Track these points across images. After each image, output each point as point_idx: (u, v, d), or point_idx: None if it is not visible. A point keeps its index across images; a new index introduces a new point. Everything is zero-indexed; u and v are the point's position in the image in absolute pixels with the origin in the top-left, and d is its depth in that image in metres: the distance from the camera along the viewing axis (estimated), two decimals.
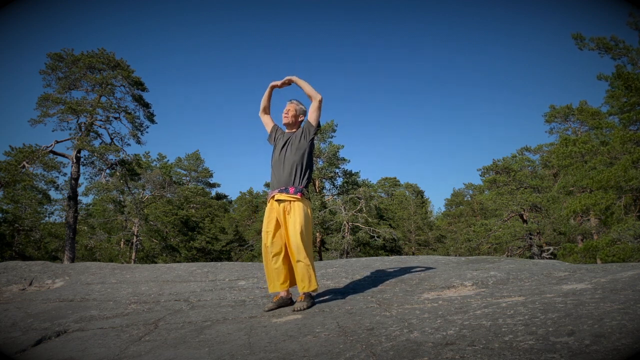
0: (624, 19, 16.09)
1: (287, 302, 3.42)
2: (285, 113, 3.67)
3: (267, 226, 3.47)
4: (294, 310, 3.14)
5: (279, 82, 3.76)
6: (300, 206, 3.38)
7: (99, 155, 21.88)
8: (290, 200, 3.39)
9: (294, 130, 3.68)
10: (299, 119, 3.69)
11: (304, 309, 3.17)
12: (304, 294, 3.31)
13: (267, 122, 3.89)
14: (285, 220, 3.38)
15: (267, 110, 3.92)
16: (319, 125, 3.61)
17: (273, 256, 3.42)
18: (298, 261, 3.29)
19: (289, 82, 3.70)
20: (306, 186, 3.50)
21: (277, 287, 3.44)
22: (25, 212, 27.91)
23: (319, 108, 3.58)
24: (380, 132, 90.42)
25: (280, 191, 3.42)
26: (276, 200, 3.44)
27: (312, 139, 3.59)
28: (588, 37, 16.62)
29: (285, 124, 3.70)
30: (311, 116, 3.59)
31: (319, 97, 3.56)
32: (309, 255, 3.30)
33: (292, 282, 3.49)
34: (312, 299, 3.37)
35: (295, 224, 3.32)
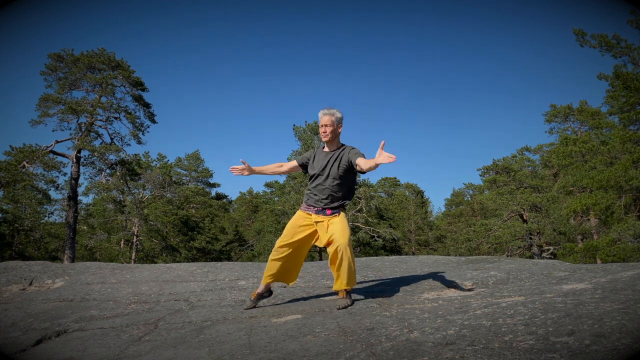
0: (625, 18, 16.10)
1: (266, 294, 3.54)
2: (324, 130, 3.41)
3: (293, 229, 3.44)
4: (338, 308, 3.14)
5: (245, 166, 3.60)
6: (340, 218, 3.38)
7: (99, 155, 21.88)
8: (328, 219, 3.40)
9: (333, 148, 3.48)
10: (338, 131, 3.47)
11: (348, 306, 3.18)
12: (346, 291, 3.32)
13: (296, 165, 3.67)
14: (328, 232, 3.35)
15: (284, 167, 3.69)
16: (361, 171, 3.33)
17: (290, 252, 3.41)
18: (343, 260, 3.25)
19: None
20: (345, 205, 3.47)
21: (292, 278, 3.51)
22: (25, 212, 27.89)
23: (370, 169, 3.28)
24: (381, 132, 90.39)
25: (317, 212, 3.40)
26: (315, 222, 3.44)
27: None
28: (589, 34, 16.62)
29: (325, 142, 3.51)
30: (364, 165, 3.17)
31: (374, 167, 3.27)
32: (352, 255, 3.31)
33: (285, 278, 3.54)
34: (351, 296, 3.39)
35: (341, 230, 3.29)
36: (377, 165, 3.04)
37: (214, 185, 44.39)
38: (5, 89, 55.62)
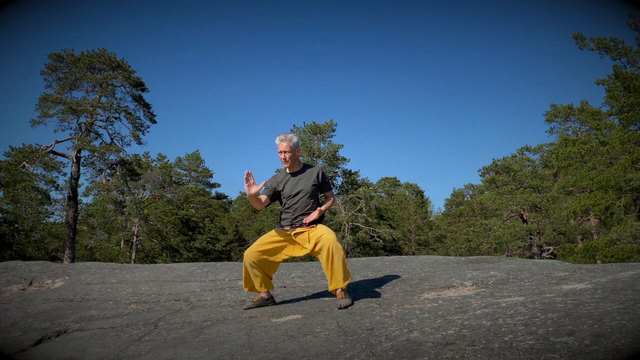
0: (624, 19, 16.14)
1: (269, 302, 3.50)
2: (283, 157, 3.53)
3: (271, 238, 3.53)
4: (339, 308, 3.13)
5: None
6: (321, 225, 3.52)
7: (99, 155, 21.89)
8: (308, 229, 3.50)
9: (297, 169, 3.63)
10: (297, 154, 3.61)
11: (348, 306, 3.18)
12: (343, 290, 3.34)
13: (267, 197, 3.60)
14: (312, 236, 3.44)
15: (263, 201, 3.58)
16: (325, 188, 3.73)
17: (260, 262, 3.43)
18: (335, 257, 3.30)
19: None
20: (321, 220, 3.60)
21: (260, 288, 3.50)
22: (25, 212, 27.88)
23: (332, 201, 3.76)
24: (381, 132, 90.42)
25: (294, 227, 3.51)
26: (293, 235, 3.52)
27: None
28: (588, 37, 16.69)
29: (287, 167, 3.63)
30: (328, 191, 3.73)
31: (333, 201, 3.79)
32: (343, 251, 3.38)
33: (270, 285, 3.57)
34: (351, 296, 3.41)
35: (327, 231, 3.41)
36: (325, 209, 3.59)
37: (214, 185, 44.40)
38: (5, 89, 55.60)
